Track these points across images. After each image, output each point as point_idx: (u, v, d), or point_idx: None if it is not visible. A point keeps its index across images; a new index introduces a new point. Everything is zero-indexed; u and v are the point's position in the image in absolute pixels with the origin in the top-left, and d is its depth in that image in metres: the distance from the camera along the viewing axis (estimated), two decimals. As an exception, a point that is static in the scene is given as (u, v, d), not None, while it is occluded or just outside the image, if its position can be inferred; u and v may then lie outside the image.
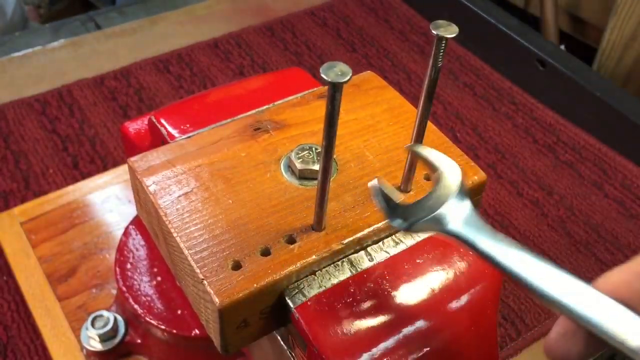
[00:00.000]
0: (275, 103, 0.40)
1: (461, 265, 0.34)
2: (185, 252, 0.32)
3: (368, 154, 0.38)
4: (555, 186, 0.71)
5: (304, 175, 0.36)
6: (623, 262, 0.67)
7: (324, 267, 0.33)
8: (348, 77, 0.27)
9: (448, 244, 0.35)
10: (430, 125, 0.38)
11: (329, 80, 0.27)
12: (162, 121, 0.40)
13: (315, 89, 0.41)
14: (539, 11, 1.17)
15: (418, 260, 0.34)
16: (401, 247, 0.34)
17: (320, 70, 0.27)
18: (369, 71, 0.43)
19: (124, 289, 0.51)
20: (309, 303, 0.32)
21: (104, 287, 0.58)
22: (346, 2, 0.93)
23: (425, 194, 0.30)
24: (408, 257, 0.34)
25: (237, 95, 0.42)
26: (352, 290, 0.32)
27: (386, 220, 0.34)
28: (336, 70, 0.27)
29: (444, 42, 0.30)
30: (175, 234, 0.33)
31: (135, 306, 0.50)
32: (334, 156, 0.37)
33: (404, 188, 0.36)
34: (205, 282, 0.31)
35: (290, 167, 0.36)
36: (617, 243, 0.66)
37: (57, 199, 0.65)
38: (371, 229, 0.34)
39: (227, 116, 0.39)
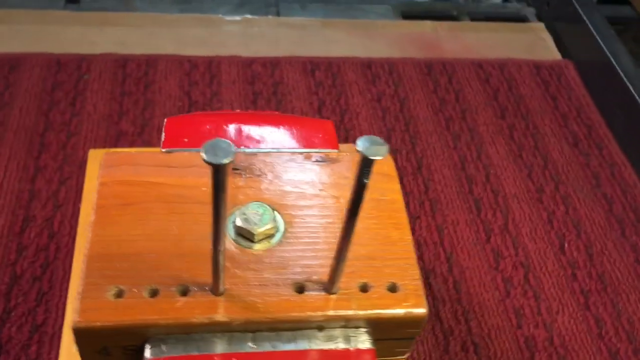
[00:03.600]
0: (269, 150, 0.38)
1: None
2: (83, 258, 0.32)
3: (322, 236, 0.35)
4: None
5: (240, 233, 0.34)
6: None
7: (201, 333, 0.32)
8: (230, 159, 0.24)
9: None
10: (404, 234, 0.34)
11: (208, 160, 0.25)
12: (167, 127, 0.40)
13: (319, 149, 0.39)
14: None
15: (296, 370, 0.31)
16: (290, 347, 0.32)
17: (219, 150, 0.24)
18: (387, 155, 0.39)
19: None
20: (163, 360, 0.31)
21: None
22: (519, 65, 0.86)
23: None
24: (288, 361, 0.31)
25: (249, 126, 0.41)
26: (213, 367, 0.31)
27: (289, 314, 0.31)
28: (223, 154, 0.25)
29: (370, 162, 0.26)
30: (88, 236, 0.33)
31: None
32: (292, 228, 0.35)
33: (328, 288, 0.33)
34: (79, 295, 0.31)
35: (233, 220, 0.35)
36: None
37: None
38: (267, 317, 0.32)
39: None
